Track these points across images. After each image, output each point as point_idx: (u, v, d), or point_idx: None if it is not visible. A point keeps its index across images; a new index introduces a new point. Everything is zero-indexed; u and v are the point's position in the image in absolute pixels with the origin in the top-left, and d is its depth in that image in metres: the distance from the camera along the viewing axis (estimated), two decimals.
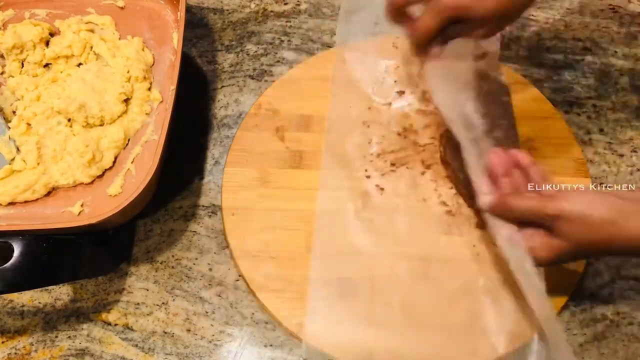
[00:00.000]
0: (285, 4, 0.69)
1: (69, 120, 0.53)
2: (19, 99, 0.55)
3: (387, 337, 0.49)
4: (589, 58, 0.64)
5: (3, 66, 0.57)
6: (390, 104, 0.60)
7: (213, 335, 0.52)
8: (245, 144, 0.58)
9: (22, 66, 0.57)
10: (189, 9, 0.68)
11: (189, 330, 0.52)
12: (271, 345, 0.51)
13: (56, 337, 0.52)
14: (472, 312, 0.50)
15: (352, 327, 0.50)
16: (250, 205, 0.55)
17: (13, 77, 0.56)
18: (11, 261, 0.44)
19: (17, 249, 0.44)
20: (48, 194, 0.51)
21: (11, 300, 0.54)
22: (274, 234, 0.54)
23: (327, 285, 0.51)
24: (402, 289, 0.51)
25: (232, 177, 0.57)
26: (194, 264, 0.55)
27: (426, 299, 0.50)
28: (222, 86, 0.64)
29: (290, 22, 0.67)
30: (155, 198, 0.54)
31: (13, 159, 0.52)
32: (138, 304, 0.53)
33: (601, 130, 0.60)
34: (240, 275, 0.53)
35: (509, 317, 0.49)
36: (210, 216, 0.57)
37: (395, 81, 0.61)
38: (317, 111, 0.59)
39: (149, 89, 0.56)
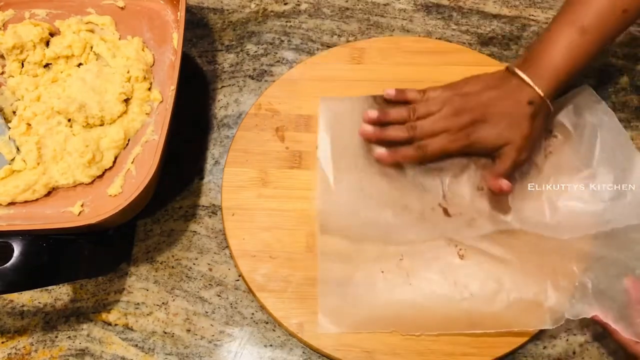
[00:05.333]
0: (285, 4, 0.69)
1: (69, 120, 0.53)
2: (19, 99, 0.55)
3: (386, 335, 0.49)
4: None
5: (3, 66, 0.57)
6: None
7: (213, 335, 0.52)
8: (245, 144, 0.58)
9: (22, 66, 0.57)
10: (189, 9, 0.68)
11: (189, 330, 0.52)
12: (271, 345, 0.51)
13: (56, 337, 0.52)
14: (472, 314, 0.50)
15: (359, 326, 0.50)
16: (250, 206, 0.55)
17: (13, 77, 0.56)
18: (11, 261, 0.44)
19: (17, 249, 0.44)
20: (48, 194, 0.51)
21: (11, 300, 0.54)
22: (274, 234, 0.54)
23: (330, 284, 0.51)
24: (403, 288, 0.51)
25: (232, 177, 0.57)
26: (194, 264, 0.55)
27: (427, 298, 0.50)
28: (222, 86, 0.64)
29: (290, 22, 0.67)
30: (155, 198, 0.54)
31: (13, 159, 0.52)
32: (138, 304, 0.53)
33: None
34: (240, 275, 0.53)
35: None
36: (210, 216, 0.57)
37: None
38: (317, 111, 0.59)
39: (149, 89, 0.56)
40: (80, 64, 0.57)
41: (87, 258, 0.51)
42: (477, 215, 0.52)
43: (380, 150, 0.53)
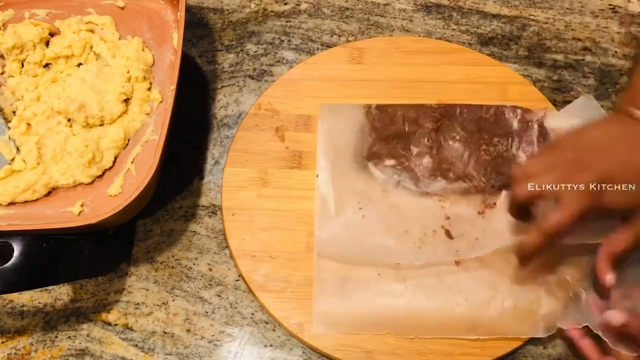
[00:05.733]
0: (285, 4, 0.69)
1: (69, 120, 0.53)
2: (19, 99, 0.55)
3: (386, 337, 0.49)
4: (588, 58, 0.64)
5: (3, 66, 0.57)
6: None
7: (213, 335, 0.52)
8: (245, 144, 0.58)
9: (22, 66, 0.57)
10: (189, 9, 0.67)
11: (189, 330, 0.52)
12: (271, 345, 0.51)
13: (56, 337, 0.52)
14: (466, 320, 0.50)
15: (353, 327, 0.50)
16: (250, 206, 0.55)
17: (13, 77, 0.56)
18: (11, 261, 0.44)
19: (17, 249, 0.44)
20: (48, 194, 0.51)
21: (11, 300, 0.54)
22: (274, 234, 0.54)
23: (329, 284, 0.51)
24: (399, 291, 0.51)
25: (232, 177, 0.57)
26: (194, 264, 0.55)
27: (422, 302, 0.50)
28: (222, 86, 0.64)
29: (290, 22, 0.67)
30: (155, 198, 0.54)
31: (13, 159, 0.52)
32: (138, 304, 0.53)
33: None
34: (240, 276, 0.53)
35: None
36: (210, 216, 0.57)
37: None
38: (317, 111, 0.59)
39: (149, 89, 0.56)
40: (80, 64, 0.57)
41: (87, 258, 0.51)
42: (481, 234, 0.52)
43: None
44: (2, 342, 0.52)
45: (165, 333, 0.52)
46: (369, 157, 0.56)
